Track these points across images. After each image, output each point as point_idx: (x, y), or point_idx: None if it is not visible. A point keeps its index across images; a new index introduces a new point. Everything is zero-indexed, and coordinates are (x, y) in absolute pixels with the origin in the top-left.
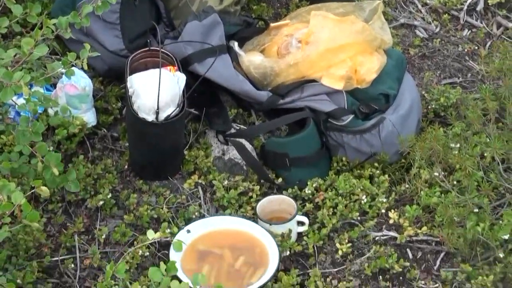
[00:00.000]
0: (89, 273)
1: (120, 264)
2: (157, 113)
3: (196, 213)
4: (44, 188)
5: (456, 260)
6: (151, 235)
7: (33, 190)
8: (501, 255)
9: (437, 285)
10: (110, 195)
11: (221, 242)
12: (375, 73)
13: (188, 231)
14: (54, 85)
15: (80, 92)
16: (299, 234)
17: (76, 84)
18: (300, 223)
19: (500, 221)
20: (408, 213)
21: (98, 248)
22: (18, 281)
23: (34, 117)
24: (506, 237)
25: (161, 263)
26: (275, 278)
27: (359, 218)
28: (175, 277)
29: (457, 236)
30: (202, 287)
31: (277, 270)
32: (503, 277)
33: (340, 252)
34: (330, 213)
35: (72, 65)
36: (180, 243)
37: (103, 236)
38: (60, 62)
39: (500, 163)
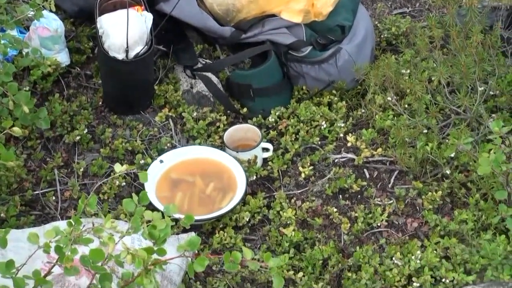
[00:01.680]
0: (69, 204)
1: (92, 198)
2: (126, 51)
3: (168, 144)
4: (16, 128)
5: (408, 178)
6: (118, 168)
7: (5, 131)
8: (448, 172)
9: (391, 201)
10: (86, 130)
11: (192, 170)
12: (331, 6)
13: (161, 161)
14: (28, 28)
15: (53, 34)
16: (265, 160)
17: (48, 27)
18: (265, 150)
19: (447, 141)
20: (365, 136)
21: (77, 181)
22: (2, 215)
23: (6, 58)
24: (452, 155)
25: (133, 194)
26: (243, 202)
27: (319, 142)
28: (150, 205)
29: (409, 155)
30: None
31: (245, 194)
32: (450, 192)
33: (303, 175)
34: (293, 139)
35: (41, 7)
36: (145, 174)
37: (81, 169)
38: (29, 5)
39: (445, 86)
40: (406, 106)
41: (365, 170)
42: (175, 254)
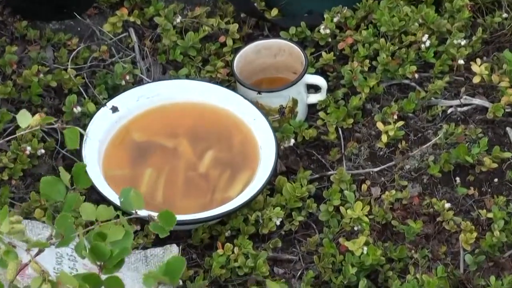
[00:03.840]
0: None
1: None
2: None
3: (128, 77)
4: None
5: None
6: (26, 120)
7: None
8: None
9: None
10: None
11: (173, 127)
12: None
13: (115, 109)
14: None
15: None
16: (311, 109)
17: None
18: (313, 88)
19: None
20: (509, 64)
21: None
22: None
23: None
24: None
25: (61, 169)
26: (270, 188)
27: (417, 76)
28: (93, 192)
29: None
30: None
31: (273, 174)
32: None
33: (384, 138)
34: (366, 68)
35: None
36: (75, 131)
37: None
38: None
39: None
40: None
41: (507, 129)
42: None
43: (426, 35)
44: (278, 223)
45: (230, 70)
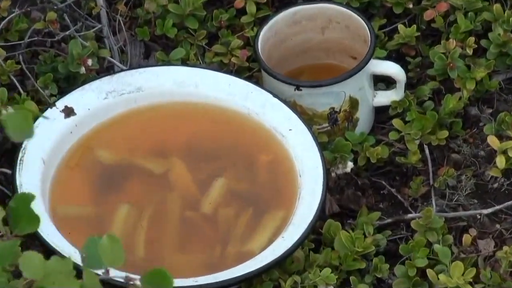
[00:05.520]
0: None
1: None
2: None
3: (90, 62)
4: None
5: None
6: None
7: None
8: None
9: None
10: None
11: (161, 141)
12: None
13: (69, 112)
14: None
15: None
16: (380, 113)
17: None
18: (383, 82)
19: None
20: None
21: None
22: None
23: None
24: None
25: None
26: (315, 238)
27: None
28: (39, 243)
29: None
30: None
31: (320, 217)
32: None
33: (499, 163)
34: (469, 51)
35: None
36: (27, 116)
37: None
38: None
39: None
40: None
41: None
42: None
43: None
44: None
45: (252, 53)
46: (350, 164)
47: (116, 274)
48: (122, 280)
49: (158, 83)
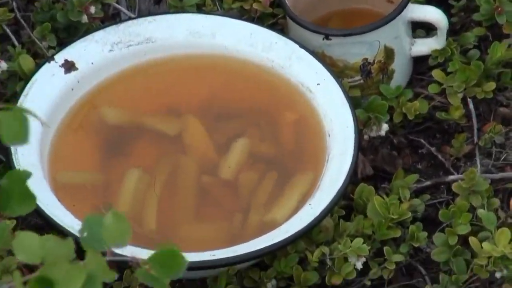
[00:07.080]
0: None
1: None
2: None
3: (93, 9)
4: None
5: None
6: None
7: None
8: None
9: None
10: None
11: (174, 99)
12: None
13: (70, 67)
14: None
15: None
16: (419, 64)
17: None
18: (422, 29)
19: None
20: None
21: None
22: None
23: None
24: None
25: None
26: (346, 204)
27: None
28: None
29: None
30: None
31: (351, 180)
32: None
33: None
34: None
35: None
36: (20, 117)
37: None
38: None
39: None
40: None
41: None
42: None
43: None
44: (359, 266)
45: None
46: (385, 127)
47: (123, 251)
48: (127, 259)
49: (170, 33)
